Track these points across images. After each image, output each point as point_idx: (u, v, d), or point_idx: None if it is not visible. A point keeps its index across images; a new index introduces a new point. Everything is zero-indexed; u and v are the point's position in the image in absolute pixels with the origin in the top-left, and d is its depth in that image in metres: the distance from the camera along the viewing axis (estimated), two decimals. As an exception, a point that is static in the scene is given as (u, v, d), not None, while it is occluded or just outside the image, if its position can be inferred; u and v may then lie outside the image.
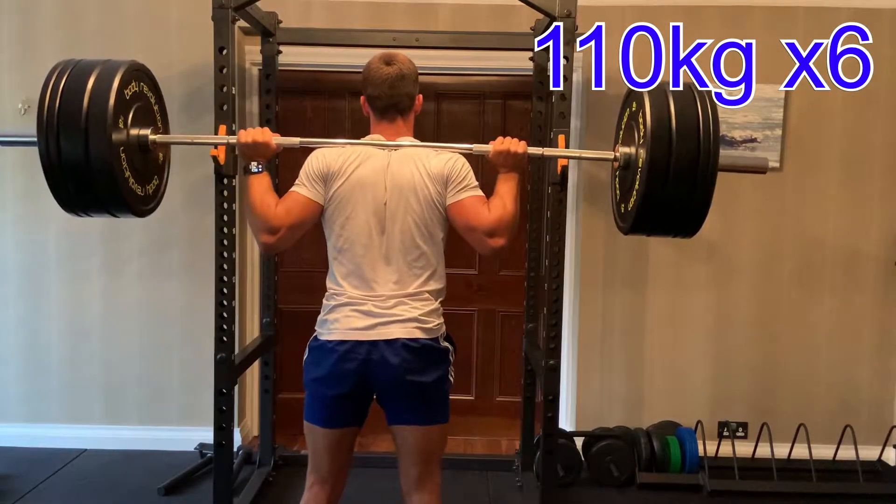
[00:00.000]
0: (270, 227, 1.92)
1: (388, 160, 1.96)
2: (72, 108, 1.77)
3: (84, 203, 1.88)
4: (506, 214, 1.93)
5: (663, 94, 1.79)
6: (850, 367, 3.45)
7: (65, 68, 1.88)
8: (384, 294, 1.92)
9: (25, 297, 3.42)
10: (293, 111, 3.59)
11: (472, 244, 1.98)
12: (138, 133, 1.92)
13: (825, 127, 3.35)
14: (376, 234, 1.93)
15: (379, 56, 2.04)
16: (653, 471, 3.19)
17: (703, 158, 1.70)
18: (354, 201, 1.93)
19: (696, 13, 3.30)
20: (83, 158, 1.76)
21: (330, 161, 1.96)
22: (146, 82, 2.02)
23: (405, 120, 2.05)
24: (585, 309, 3.43)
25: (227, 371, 2.53)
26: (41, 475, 3.15)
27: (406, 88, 2.01)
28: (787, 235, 3.40)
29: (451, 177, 1.95)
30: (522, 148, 2.01)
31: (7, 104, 3.33)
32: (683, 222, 1.80)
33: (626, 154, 1.91)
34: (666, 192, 1.72)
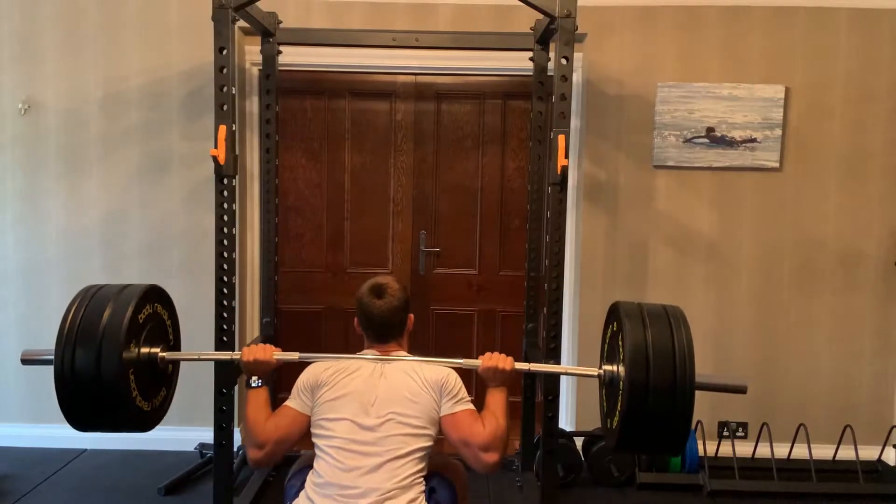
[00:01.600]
0: (258, 441, 1.97)
1: (381, 370, 2.01)
2: (90, 325, 1.92)
3: (91, 420, 1.97)
4: (499, 430, 1.96)
5: (640, 320, 1.89)
6: (850, 367, 3.45)
7: (88, 292, 2.01)
8: (363, 488, 1.84)
9: (25, 297, 3.42)
10: (293, 111, 3.59)
11: (464, 458, 1.98)
12: (149, 351, 2.03)
13: (825, 127, 3.35)
14: (362, 432, 1.91)
15: (369, 287, 2.09)
16: (653, 471, 3.19)
17: (680, 381, 1.81)
18: (341, 403, 1.95)
19: (696, 13, 3.30)
20: (94, 371, 1.88)
21: (320, 373, 2.01)
22: (161, 302, 2.13)
23: (399, 342, 2.11)
24: (585, 309, 3.43)
25: (227, 371, 2.54)
26: (41, 475, 3.15)
27: (397, 319, 2.08)
28: (787, 235, 3.40)
29: (445, 388, 1.98)
30: (510, 365, 2.04)
31: (7, 104, 3.33)
32: (665, 440, 1.88)
33: (609, 372, 1.98)
34: (646, 412, 1.81)
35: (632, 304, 1.96)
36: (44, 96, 3.33)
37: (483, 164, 3.66)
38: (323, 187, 3.67)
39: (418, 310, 3.46)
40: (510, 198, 3.66)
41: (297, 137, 3.63)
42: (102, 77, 3.33)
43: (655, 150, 3.33)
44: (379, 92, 3.62)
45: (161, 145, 3.35)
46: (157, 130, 3.35)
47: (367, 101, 3.63)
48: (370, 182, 3.67)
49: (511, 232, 3.67)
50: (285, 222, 3.60)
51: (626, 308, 1.94)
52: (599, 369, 2.03)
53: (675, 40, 3.31)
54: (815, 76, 3.32)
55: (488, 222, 3.69)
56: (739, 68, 3.31)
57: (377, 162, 3.64)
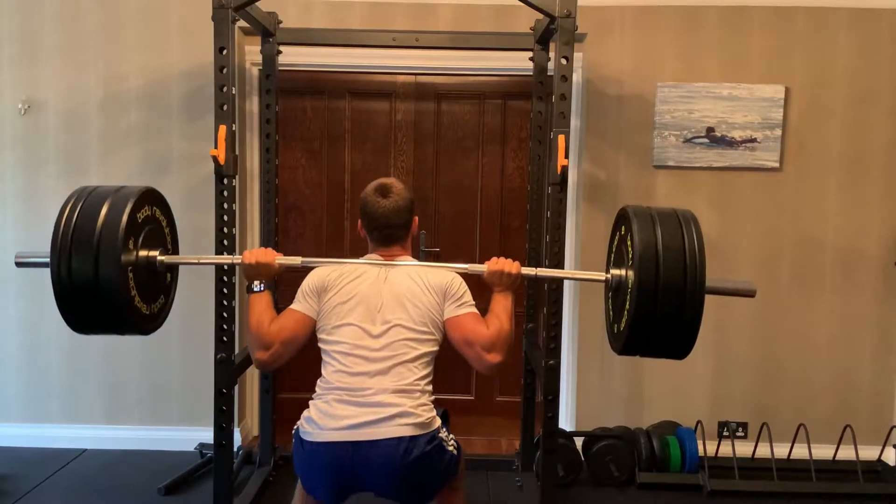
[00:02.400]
0: (264, 343, 1.96)
1: (385, 274, 2.00)
2: (85, 231, 1.85)
3: (91, 323, 1.94)
4: (502, 331, 1.97)
5: (650, 220, 1.84)
6: (850, 367, 3.45)
7: (81, 194, 1.94)
8: (371, 388, 1.89)
9: (25, 297, 3.42)
10: (293, 111, 3.59)
11: (468, 358, 1.99)
12: (147, 254, 1.98)
13: (825, 127, 3.35)
14: (368, 335, 1.93)
15: (374, 187, 2.09)
16: (653, 471, 3.19)
17: (690, 282, 1.76)
18: (347, 308, 1.96)
19: (696, 13, 3.30)
20: (92, 274, 1.82)
21: (325, 277, 2.01)
22: (159, 206, 2.09)
23: (403, 245, 2.10)
24: (585, 309, 3.43)
25: (227, 371, 2.54)
26: (41, 475, 3.15)
27: (402, 220, 2.07)
28: (787, 235, 3.40)
29: (449, 292, 1.99)
30: (516, 269, 2.04)
31: (7, 104, 3.33)
32: (673, 344, 1.85)
33: (616, 276, 1.96)
34: (655, 314, 1.77)
35: (641, 207, 1.91)
36: (44, 96, 3.33)
37: (483, 164, 3.66)
38: (323, 187, 3.67)
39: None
40: (510, 198, 3.66)
41: (297, 137, 3.63)
42: (102, 77, 3.33)
43: (655, 150, 3.33)
44: (379, 92, 3.62)
45: (161, 145, 3.35)
46: (157, 130, 3.35)
47: (367, 101, 3.63)
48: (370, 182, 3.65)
49: (511, 232, 3.66)
50: (285, 222, 3.60)
51: (635, 210, 1.89)
52: (606, 274, 1.99)
53: (675, 40, 3.31)
54: (815, 76, 3.32)
55: (488, 222, 3.68)
56: (739, 68, 3.31)
57: (377, 162, 3.64)
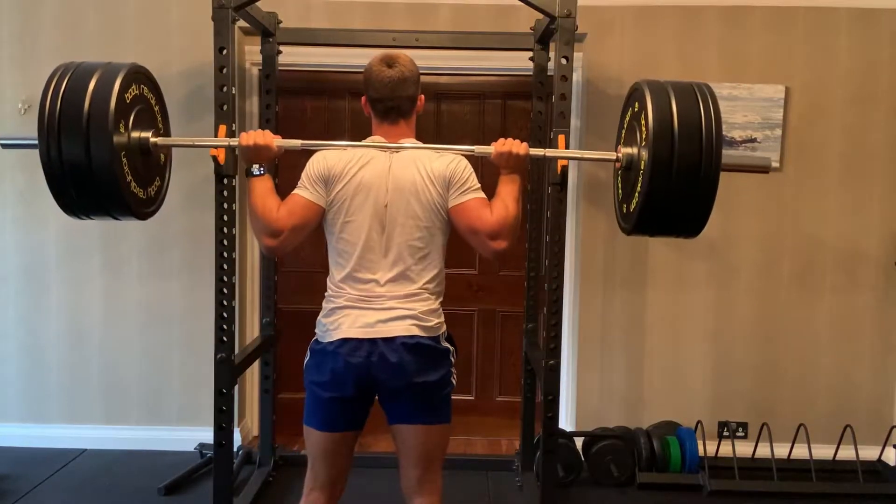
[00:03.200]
0: (273, 229, 1.92)
1: (389, 162, 1.95)
2: (73, 112, 1.77)
3: (85, 206, 1.88)
4: (508, 216, 1.92)
5: (665, 94, 1.78)
6: (850, 367, 3.45)
7: (65, 71, 1.87)
8: (383, 294, 1.91)
9: (25, 297, 3.42)
10: (293, 111, 3.59)
11: (474, 246, 1.98)
12: (139, 136, 1.91)
13: (825, 127, 3.35)
14: (377, 235, 1.92)
15: (380, 57, 2.02)
16: (653, 471, 3.19)
17: (706, 158, 1.70)
18: (356, 204, 1.92)
19: (696, 13, 3.30)
20: (84, 161, 1.76)
21: (331, 164, 1.95)
22: (147, 85, 2.01)
23: (407, 122, 2.04)
24: (585, 309, 3.42)
25: (227, 371, 2.54)
26: (41, 475, 3.15)
27: (408, 91, 2.00)
28: (788, 235, 3.39)
29: (453, 179, 1.94)
30: (524, 149, 2.00)
31: (7, 104, 3.33)
32: (686, 222, 1.80)
33: (628, 155, 1.89)
34: (669, 192, 1.71)
35: (656, 81, 1.85)
36: (44, 96, 3.33)
37: (484, 164, 3.65)
38: (323, 187, 3.67)
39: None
40: (510, 198, 3.65)
41: (297, 137, 3.61)
42: (102, 77, 3.33)
43: (655, 150, 3.33)
44: (379, 92, 3.61)
45: (161, 145, 3.35)
46: (157, 130, 3.35)
47: (367, 101, 3.63)
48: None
49: (511, 232, 3.66)
50: (285, 222, 3.59)
51: (650, 84, 1.83)
52: (617, 153, 1.94)
53: (675, 40, 3.31)
54: (815, 76, 3.32)
55: (488, 222, 3.68)
56: (739, 68, 3.31)
57: (377, 162, 3.64)
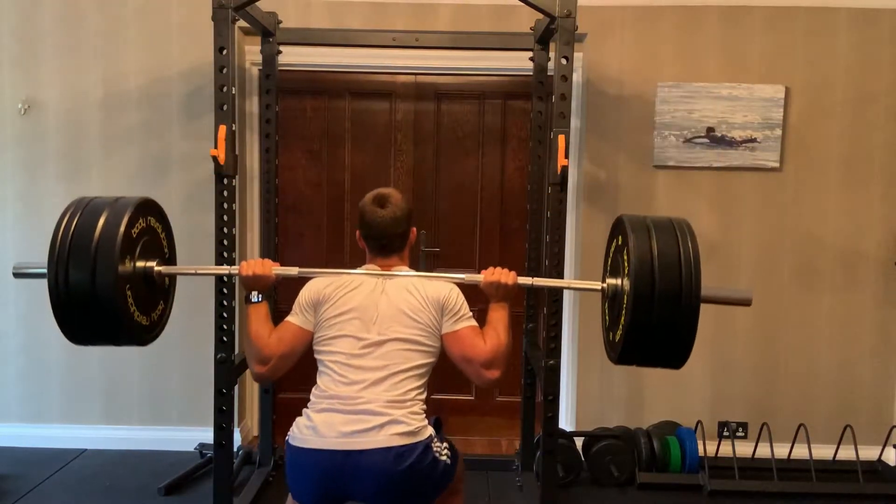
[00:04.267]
0: (262, 356, 1.96)
1: (382, 286, 2.00)
2: (83, 239, 1.86)
3: (88, 334, 1.96)
4: (500, 346, 1.97)
5: (645, 230, 1.85)
6: (850, 367, 3.45)
7: (79, 205, 1.95)
8: (363, 397, 1.87)
9: (25, 298, 3.42)
10: (293, 111, 3.59)
11: (466, 373, 2.00)
12: (144, 265, 2.00)
13: (825, 127, 3.35)
14: (363, 347, 1.92)
15: (372, 197, 2.07)
16: (653, 471, 3.19)
17: (686, 293, 1.77)
18: (342, 320, 1.95)
19: (696, 13, 3.30)
20: (89, 287, 1.84)
21: (322, 288, 2.00)
22: (154, 216, 2.09)
23: (400, 256, 2.09)
24: (585, 309, 3.42)
25: (227, 371, 2.54)
26: (41, 475, 3.15)
27: (399, 230, 2.06)
28: (787, 235, 3.39)
29: (447, 305, 1.98)
30: (512, 279, 2.04)
31: (7, 104, 3.33)
32: (669, 354, 1.85)
33: (612, 286, 1.96)
34: (650, 325, 1.77)
35: (637, 216, 1.92)
36: (44, 96, 3.33)
37: (483, 164, 3.66)
38: (323, 187, 3.67)
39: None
40: (510, 198, 3.66)
41: (297, 137, 3.63)
42: (102, 77, 3.33)
43: (655, 150, 3.33)
44: (379, 92, 3.62)
45: (161, 145, 3.35)
46: (157, 130, 3.35)
47: (366, 101, 3.63)
48: (370, 182, 3.65)
49: (511, 232, 3.66)
50: (285, 222, 3.60)
51: (631, 220, 1.89)
52: (603, 283, 2.00)
53: (675, 40, 3.31)
54: (815, 76, 3.32)
55: (488, 222, 3.68)
56: (739, 68, 3.31)
57: (377, 162, 3.64)
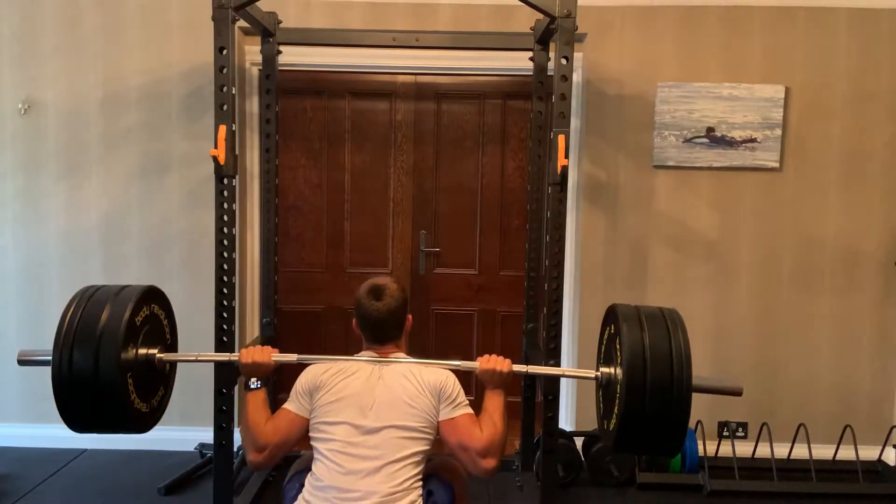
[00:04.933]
0: (259, 444, 1.98)
1: (379, 373, 2.01)
2: (88, 327, 1.91)
3: (89, 421, 1.99)
4: (496, 434, 1.97)
5: (637, 323, 1.89)
6: (850, 367, 3.45)
7: (86, 293, 2.01)
8: (362, 491, 1.86)
9: (25, 297, 3.42)
10: (293, 111, 3.59)
11: (461, 461, 2.00)
12: (146, 353, 2.03)
13: (825, 127, 3.35)
14: (360, 437, 1.92)
15: (368, 288, 2.09)
16: (653, 471, 3.19)
17: (677, 383, 1.82)
18: (338, 407, 1.95)
19: (696, 13, 3.30)
20: (92, 373, 1.89)
21: (318, 375, 2.02)
22: (158, 303, 2.13)
23: (397, 344, 2.11)
24: (585, 309, 3.42)
25: (227, 371, 2.54)
26: (41, 475, 3.15)
27: (395, 320, 2.08)
28: (787, 235, 3.39)
29: (444, 392, 1.98)
30: (507, 367, 2.04)
31: (7, 104, 3.33)
32: (663, 440, 1.89)
33: (606, 374, 1.99)
34: (643, 414, 1.82)
35: (629, 307, 1.97)
36: (44, 96, 3.33)
37: (483, 164, 3.66)
38: (323, 187, 3.67)
39: (418, 310, 3.47)
40: (510, 198, 3.66)
41: (297, 137, 3.63)
42: (102, 77, 3.33)
43: (655, 150, 3.33)
44: (379, 92, 3.62)
45: (161, 145, 3.35)
46: (157, 130, 3.35)
47: (367, 101, 3.63)
48: (370, 182, 3.67)
49: (511, 232, 3.66)
50: (285, 222, 3.60)
51: (623, 311, 1.95)
52: (597, 371, 2.04)
53: (675, 40, 3.31)
54: (815, 76, 3.32)
55: (488, 222, 3.68)
56: (739, 68, 3.31)
57: (377, 162, 3.64)
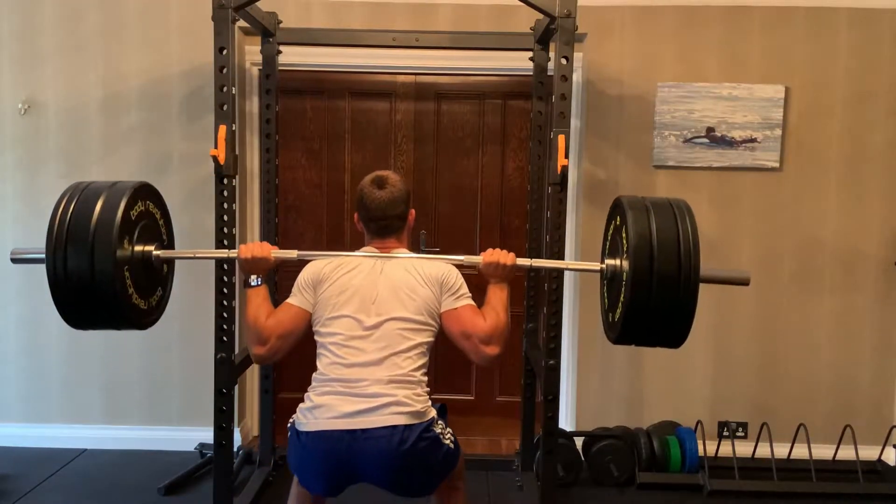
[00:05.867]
0: (261, 337, 1.97)
1: (381, 266, 2.01)
2: (81, 224, 1.86)
3: (88, 318, 1.96)
4: (499, 324, 1.98)
5: (644, 212, 1.86)
6: (850, 367, 3.45)
7: (76, 190, 1.95)
8: (366, 378, 1.89)
9: (25, 297, 3.42)
10: (293, 111, 3.59)
11: (465, 351, 2.00)
12: (143, 249, 1.99)
13: (825, 127, 3.35)
14: (363, 327, 1.94)
15: (371, 179, 2.09)
16: (653, 471, 3.19)
17: (684, 273, 1.78)
18: (342, 300, 1.96)
19: (696, 13, 3.30)
20: (88, 272, 1.84)
21: (321, 269, 2.02)
22: (152, 200, 2.09)
23: (399, 238, 2.11)
24: (585, 309, 3.42)
25: (227, 371, 2.54)
26: (41, 475, 3.15)
27: (398, 211, 2.07)
28: (787, 235, 3.39)
29: (446, 284, 2.00)
30: (511, 260, 2.06)
31: (7, 104, 3.33)
32: (668, 333, 1.86)
33: (611, 266, 1.97)
34: (649, 304, 1.78)
35: (635, 197, 1.93)
36: (44, 96, 3.33)
37: (483, 163, 3.66)
38: (323, 187, 3.67)
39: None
40: (510, 198, 3.66)
41: (297, 137, 3.63)
42: (102, 77, 3.33)
43: (655, 150, 3.33)
44: (379, 92, 3.62)
45: (161, 145, 3.35)
46: (157, 130, 3.35)
47: (367, 101, 3.63)
48: (370, 182, 3.66)
49: (511, 231, 3.66)
50: (285, 222, 3.60)
51: (629, 200, 1.90)
52: (601, 263, 2.00)
53: (675, 40, 3.31)
54: (815, 76, 3.32)
55: (488, 222, 3.68)
56: (739, 68, 3.31)
57: (377, 162, 3.64)
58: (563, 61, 2.43)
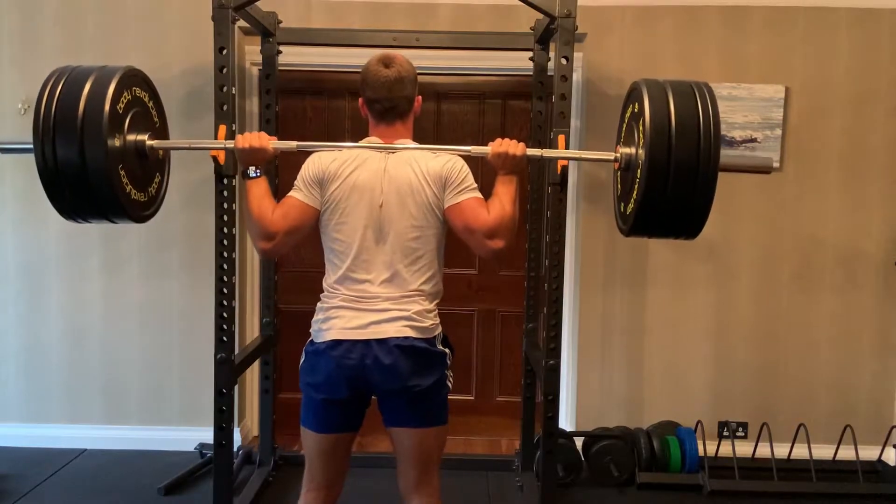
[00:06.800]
0: (267, 232, 1.92)
1: (385, 163, 1.95)
2: (67, 117, 1.78)
3: (81, 210, 1.88)
4: (505, 216, 1.91)
5: (663, 94, 1.77)
6: (850, 367, 3.45)
7: (61, 75, 1.87)
8: (378, 294, 1.91)
9: (25, 297, 3.42)
10: (293, 111, 3.59)
11: (471, 246, 1.96)
12: (136, 139, 1.91)
13: (825, 127, 3.35)
14: (372, 235, 1.92)
15: (377, 57, 2.01)
16: (653, 471, 3.19)
17: (704, 159, 1.68)
18: (350, 204, 1.92)
19: (696, 13, 3.30)
20: (80, 166, 1.76)
21: (326, 165, 1.94)
22: (143, 87, 2.01)
23: (404, 123, 2.03)
24: (585, 309, 3.42)
25: (227, 371, 2.54)
26: (41, 475, 3.15)
27: (405, 91, 1.98)
28: (787, 235, 3.39)
29: (449, 178, 1.94)
30: (521, 150, 1.99)
31: (7, 104, 3.33)
32: (684, 224, 1.78)
33: (626, 155, 1.88)
34: (666, 193, 1.70)
35: (655, 80, 1.83)
36: (44, 96, 3.33)
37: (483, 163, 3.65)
38: (323, 187, 3.67)
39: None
40: (510, 198, 3.65)
41: (296, 137, 3.59)
42: (102, 77, 3.32)
43: (655, 150, 3.33)
44: (379, 92, 3.61)
45: (161, 145, 3.35)
46: (157, 130, 3.35)
47: (367, 101, 3.63)
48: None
49: (511, 232, 3.66)
50: (285, 222, 3.59)
51: (648, 84, 1.81)
52: (615, 152, 1.93)
53: (675, 40, 3.31)
54: (815, 76, 3.32)
55: (488, 222, 3.68)
56: (739, 68, 3.31)
57: (377, 162, 3.64)
58: (563, 61, 2.43)
